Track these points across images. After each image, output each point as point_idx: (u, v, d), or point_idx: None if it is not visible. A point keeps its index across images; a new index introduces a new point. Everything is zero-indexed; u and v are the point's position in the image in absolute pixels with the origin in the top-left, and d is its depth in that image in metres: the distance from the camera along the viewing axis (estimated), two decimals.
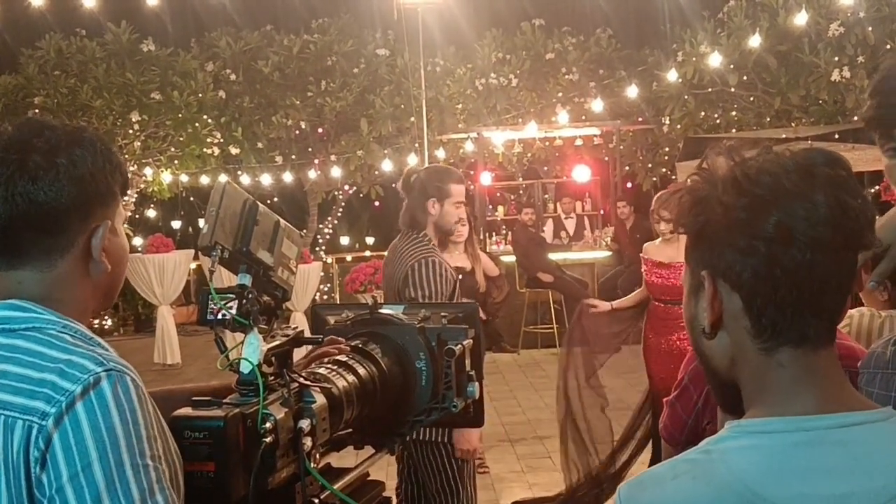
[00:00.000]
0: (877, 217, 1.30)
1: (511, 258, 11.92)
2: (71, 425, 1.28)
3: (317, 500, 1.63)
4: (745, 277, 1.08)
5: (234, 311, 1.58)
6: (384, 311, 2.04)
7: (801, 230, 1.05)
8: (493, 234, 14.31)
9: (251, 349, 1.55)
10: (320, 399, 1.65)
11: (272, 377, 1.61)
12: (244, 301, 1.60)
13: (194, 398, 1.51)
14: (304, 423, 1.56)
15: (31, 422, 1.29)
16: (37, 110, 14.00)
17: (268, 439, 1.47)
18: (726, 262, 1.10)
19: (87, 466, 1.27)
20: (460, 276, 4.26)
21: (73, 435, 1.27)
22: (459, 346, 1.91)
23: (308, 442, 1.56)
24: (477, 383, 1.98)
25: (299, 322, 10.80)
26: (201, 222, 1.75)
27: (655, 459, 4.96)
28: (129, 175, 1.83)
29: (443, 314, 2.01)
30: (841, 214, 1.06)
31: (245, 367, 1.54)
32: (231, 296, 1.61)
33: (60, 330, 1.38)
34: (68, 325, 1.40)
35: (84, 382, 1.30)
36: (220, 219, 1.62)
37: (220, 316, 1.59)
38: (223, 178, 13.18)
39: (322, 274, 13.69)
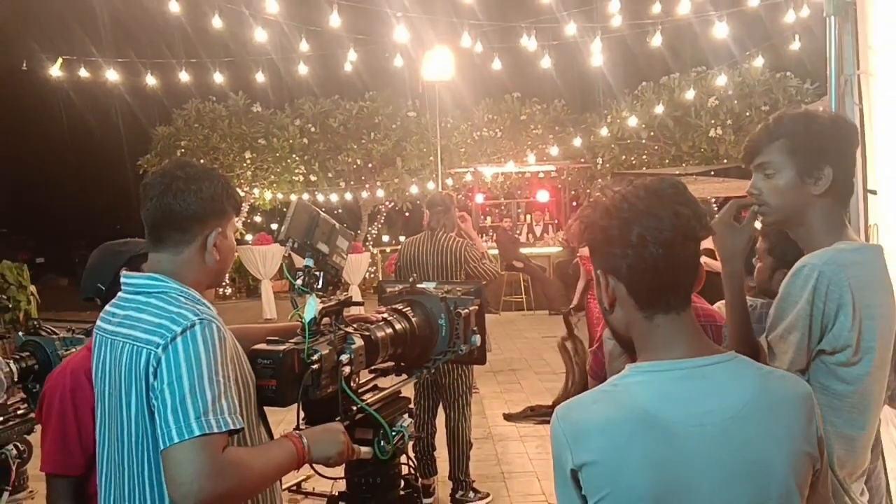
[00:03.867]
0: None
1: (495, 251, 11.86)
2: (172, 352, 1.32)
3: (354, 408, 1.62)
4: (624, 272, 1.08)
5: (299, 283, 1.59)
6: (421, 286, 1.99)
7: (653, 236, 1.05)
8: (483, 235, 14.22)
9: (309, 308, 1.55)
10: (359, 341, 1.62)
11: (327, 326, 1.60)
12: (307, 277, 1.61)
13: (269, 336, 1.51)
14: (344, 357, 1.54)
15: (151, 349, 1.34)
16: (182, 150, 14.05)
17: (314, 366, 1.46)
18: (611, 263, 1.10)
19: (179, 377, 1.30)
20: None
21: (172, 357, 1.32)
22: (467, 310, 1.88)
23: (346, 370, 1.54)
24: (479, 335, 1.94)
25: (353, 292, 10.81)
26: None
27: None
28: (243, 195, 1.83)
29: (459, 289, 1.97)
30: (676, 220, 1.05)
31: (306, 318, 1.54)
32: (299, 273, 1.61)
33: (178, 294, 1.42)
34: (184, 290, 1.44)
35: (184, 325, 1.34)
36: (293, 222, 1.62)
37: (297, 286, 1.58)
38: (305, 196, 13.17)
39: (370, 260, 13.70)
